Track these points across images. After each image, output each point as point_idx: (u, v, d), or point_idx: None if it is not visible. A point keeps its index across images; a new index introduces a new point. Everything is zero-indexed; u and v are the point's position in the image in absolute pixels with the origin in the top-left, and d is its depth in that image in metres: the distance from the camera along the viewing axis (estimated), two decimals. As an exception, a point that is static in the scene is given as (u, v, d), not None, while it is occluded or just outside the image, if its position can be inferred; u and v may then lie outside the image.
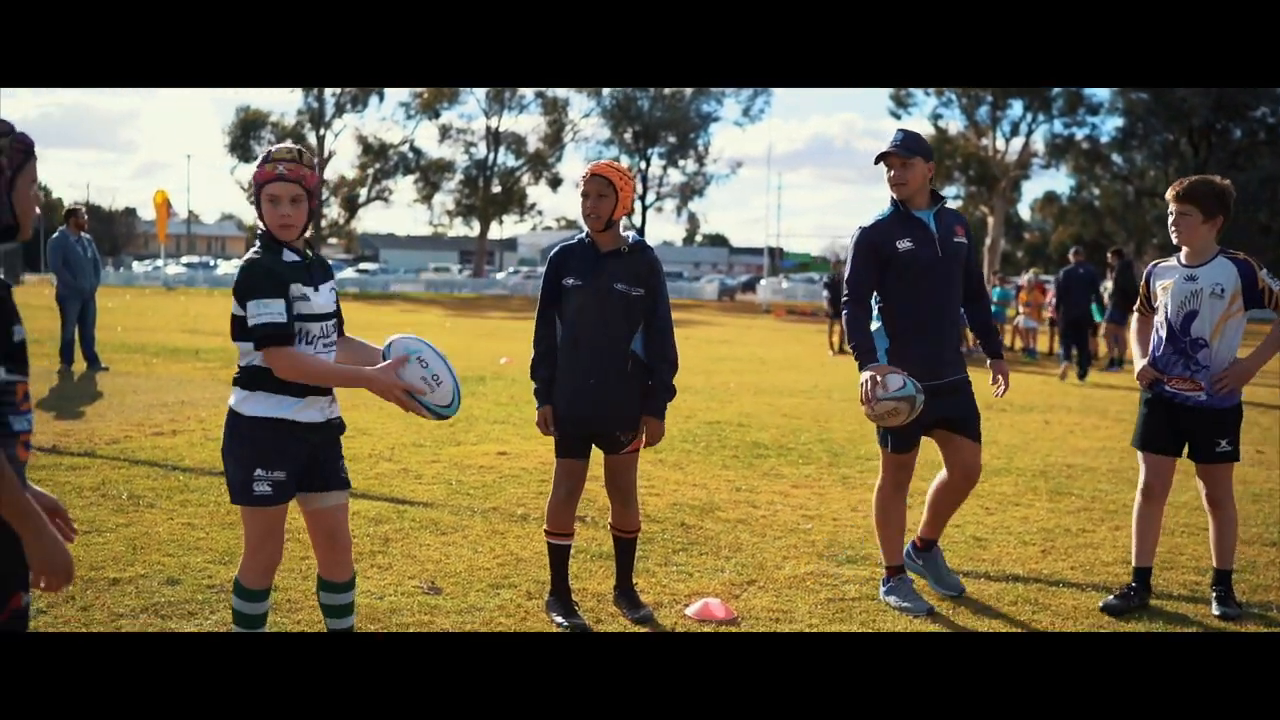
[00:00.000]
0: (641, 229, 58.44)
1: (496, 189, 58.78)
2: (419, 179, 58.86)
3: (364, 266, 66.03)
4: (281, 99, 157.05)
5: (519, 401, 11.22)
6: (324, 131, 56.69)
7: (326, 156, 56.42)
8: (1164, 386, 5.07)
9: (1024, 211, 78.75)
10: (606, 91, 57.89)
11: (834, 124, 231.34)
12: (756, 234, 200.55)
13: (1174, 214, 5.00)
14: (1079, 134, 51.37)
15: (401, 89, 55.50)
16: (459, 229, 65.20)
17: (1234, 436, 5.03)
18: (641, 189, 59.90)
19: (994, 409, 11.11)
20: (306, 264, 3.57)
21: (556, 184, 60.43)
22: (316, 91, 55.47)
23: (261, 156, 3.54)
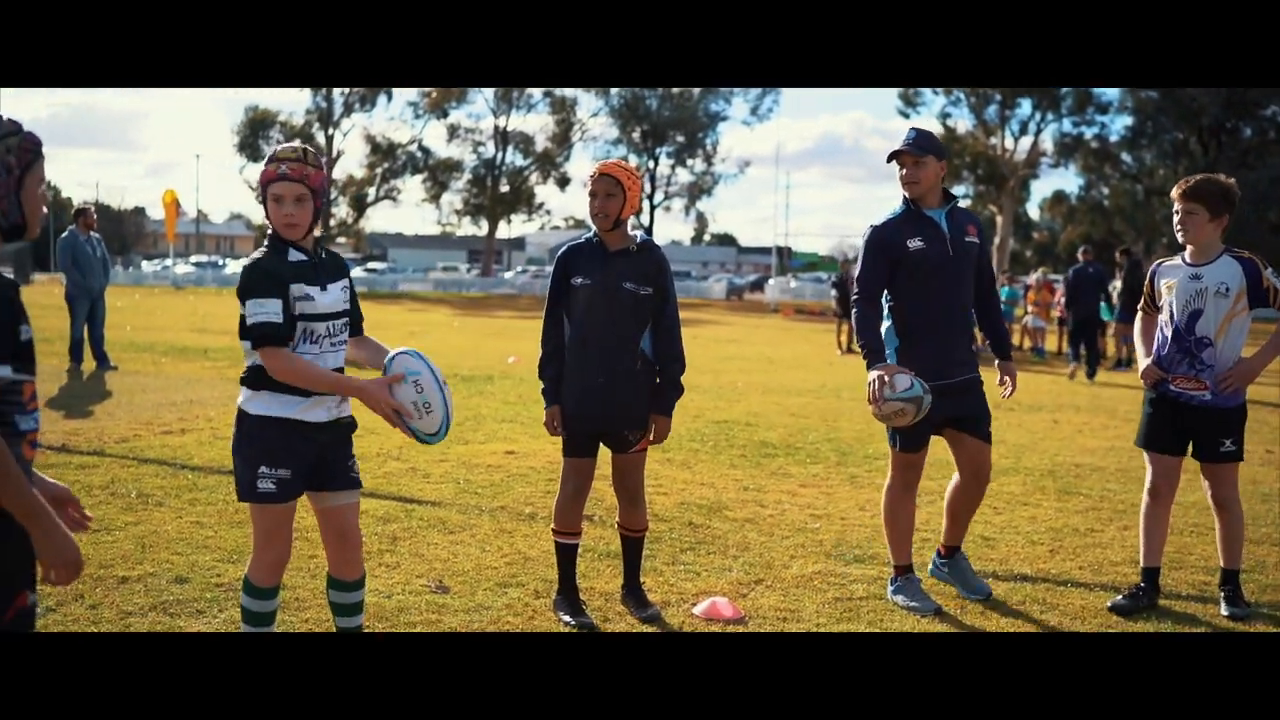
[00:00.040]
0: (649, 228, 58.42)
1: (505, 188, 58.77)
2: (427, 178, 58.89)
3: (372, 266, 66.18)
4: (290, 98, 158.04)
5: (527, 400, 11.22)
6: (332, 131, 56.81)
7: (335, 156, 56.51)
8: (1168, 386, 5.06)
9: (1033, 211, 78.83)
10: (615, 91, 57.81)
11: (843, 123, 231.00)
12: (765, 233, 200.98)
13: (1179, 212, 4.98)
14: (1088, 133, 51.20)
15: (410, 89, 55.62)
16: (467, 228, 65.30)
17: (1238, 436, 5.01)
18: (649, 188, 59.83)
19: (1002, 408, 11.08)
20: (313, 263, 3.57)
21: (565, 183, 60.39)
22: (325, 91, 55.58)
23: (267, 156, 3.55)
